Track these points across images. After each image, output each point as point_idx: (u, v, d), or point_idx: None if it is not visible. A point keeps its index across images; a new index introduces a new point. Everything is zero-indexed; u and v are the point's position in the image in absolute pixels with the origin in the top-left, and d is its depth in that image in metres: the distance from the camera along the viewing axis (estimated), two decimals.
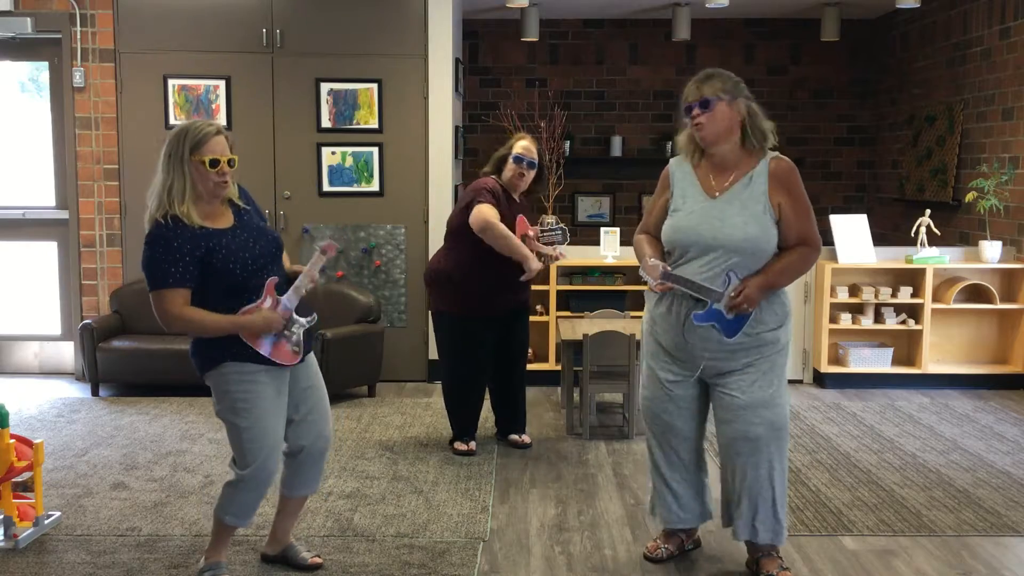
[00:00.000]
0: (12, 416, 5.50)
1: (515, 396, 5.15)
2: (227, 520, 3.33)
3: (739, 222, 3.29)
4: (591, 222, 9.21)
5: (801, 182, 3.38)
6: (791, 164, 3.39)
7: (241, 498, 3.28)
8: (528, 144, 4.89)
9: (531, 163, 4.85)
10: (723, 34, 9.14)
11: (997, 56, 6.88)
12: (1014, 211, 6.59)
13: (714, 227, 3.31)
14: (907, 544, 3.81)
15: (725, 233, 3.30)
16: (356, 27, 6.51)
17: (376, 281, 6.64)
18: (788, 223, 3.33)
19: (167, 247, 3.06)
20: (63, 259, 6.87)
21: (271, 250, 3.27)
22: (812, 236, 3.37)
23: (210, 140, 3.11)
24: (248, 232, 3.24)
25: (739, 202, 3.32)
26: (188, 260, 3.07)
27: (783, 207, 3.32)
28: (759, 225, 3.30)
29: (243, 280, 3.15)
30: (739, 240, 3.28)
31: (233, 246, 3.17)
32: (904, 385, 6.50)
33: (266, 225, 3.37)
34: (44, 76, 6.88)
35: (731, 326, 3.32)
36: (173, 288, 3.06)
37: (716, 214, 3.32)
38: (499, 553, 3.72)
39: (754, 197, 3.32)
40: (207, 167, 3.10)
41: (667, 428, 3.53)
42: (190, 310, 3.09)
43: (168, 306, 3.07)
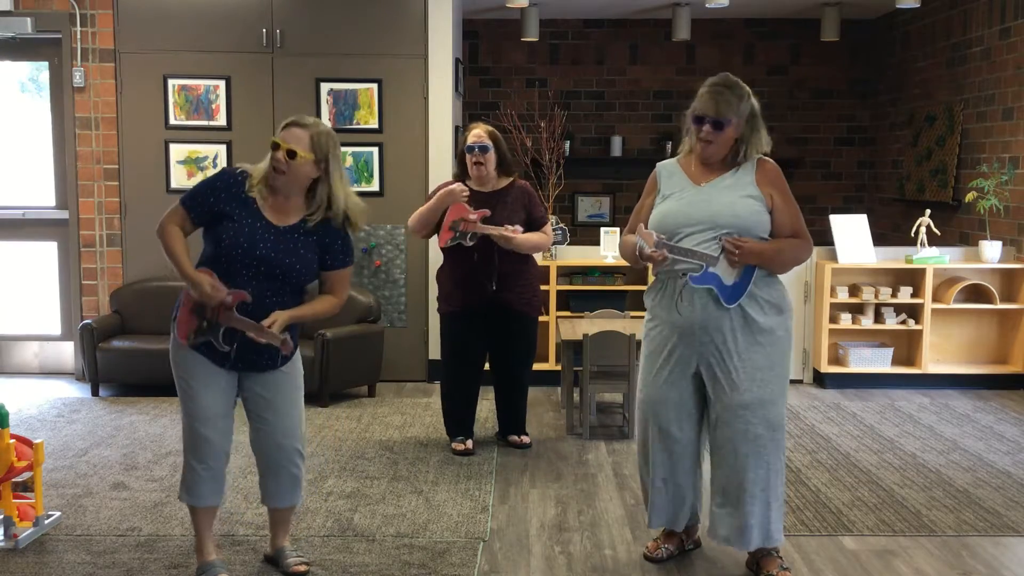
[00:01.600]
0: (12, 416, 5.50)
1: (514, 398, 5.15)
2: (180, 498, 3.39)
3: (727, 202, 3.37)
4: (591, 222, 9.21)
5: (786, 182, 3.47)
6: (775, 164, 3.49)
7: (185, 473, 3.35)
8: (478, 131, 4.86)
9: (482, 147, 4.81)
10: (723, 34, 9.14)
11: (997, 56, 6.88)
12: (1014, 211, 6.59)
13: (702, 208, 3.37)
14: (907, 544, 3.81)
15: (714, 211, 3.35)
16: (356, 27, 6.51)
17: (376, 281, 6.64)
18: (780, 214, 3.40)
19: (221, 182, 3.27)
20: (63, 259, 6.87)
21: (275, 272, 3.23)
22: (804, 231, 3.45)
23: (288, 129, 3.24)
24: (278, 241, 3.23)
25: (726, 188, 3.40)
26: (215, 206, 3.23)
27: (774, 199, 3.40)
28: (747, 206, 3.36)
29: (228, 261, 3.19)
30: (728, 216, 3.34)
31: (250, 232, 3.20)
32: (904, 385, 6.50)
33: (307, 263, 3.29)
34: (44, 76, 6.88)
35: (729, 292, 3.33)
36: (183, 207, 3.26)
37: (704, 197, 3.40)
38: (499, 553, 3.72)
39: (742, 184, 3.40)
40: (271, 148, 3.22)
41: (664, 429, 3.52)
42: (175, 231, 3.24)
43: (169, 214, 3.28)
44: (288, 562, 3.50)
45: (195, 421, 3.30)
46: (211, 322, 3.21)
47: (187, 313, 3.25)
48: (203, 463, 3.32)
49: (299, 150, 3.21)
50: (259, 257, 3.21)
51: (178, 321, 3.27)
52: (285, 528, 3.59)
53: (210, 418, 3.29)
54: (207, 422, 3.29)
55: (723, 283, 3.33)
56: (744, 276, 3.34)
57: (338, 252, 3.37)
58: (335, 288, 3.42)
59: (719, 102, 3.34)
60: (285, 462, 3.41)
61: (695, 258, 3.31)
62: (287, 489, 3.45)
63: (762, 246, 3.35)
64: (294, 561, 3.50)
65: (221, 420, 3.32)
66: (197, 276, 3.17)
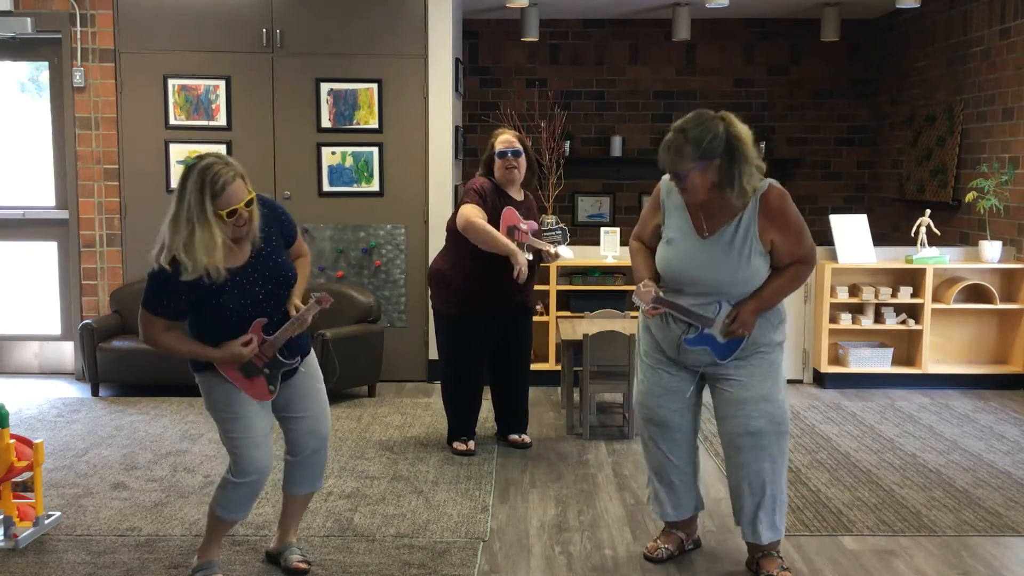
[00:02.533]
0: (12, 416, 5.49)
1: (516, 397, 5.15)
2: (218, 512, 3.35)
3: (729, 266, 3.31)
4: (591, 222, 9.21)
5: (791, 206, 3.34)
6: (780, 193, 3.32)
7: (232, 494, 3.32)
8: (508, 136, 4.88)
9: (515, 152, 4.83)
10: (723, 34, 9.14)
11: (997, 56, 6.88)
12: (1014, 211, 6.59)
13: (704, 270, 3.33)
14: (907, 544, 3.81)
15: (716, 276, 3.32)
16: (356, 27, 6.51)
17: (376, 281, 6.64)
18: (780, 253, 3.35)
19: (164, 286, 3.11)
20: (63, 259, 6.87)
21: (277, 293, 3.24)
22: (806, 254, 3.38)
23: (226, 192, 3.02)
24: (259, 273, 3.21)
25: (729, 246, 3.31)
26: (183, 299, 3.12)
27: (775, 242, 3.33)
28: (750, 267, 3.32)
29: (235, 318, 3.17)
30: (730, 283, 3.32)
31: (236, 290, 3.16)
32: (904, 385, 6.50)
33: (285, 261, 3.30)
34: (44, 76, 6.88)
35: (724, 349, 3.37)
36: (157, 315, 3.16)
37: (707, 256, 3.33)
38: (499, 553, 3.72)
39: (745, 239, 3.31)
40: (224, 217, 3.05)
41: (662, 423, 3.54)
42: (164, 337, 3.19)
43: (147, 327, 3.19)
44: (291, 558, 3.51)
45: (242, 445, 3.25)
46: (269, 363, 3.24)
47: (241, 376, 3.23)
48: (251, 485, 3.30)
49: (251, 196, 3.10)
50: (262, 299, 3.21)
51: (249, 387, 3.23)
52: (297, 520, 3.61)
53: (261, 444, 3.28)
54: (259, 444, 3.28)
55: (717, 342, 3.36)
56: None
57: (289, 224, 3.40)
58: (300, 249, 3.48)
59: (671, 152, 3.22)
60: (317, 445, 3.44)
61: (692, 319, 3.33)
62: (316, 474, 3.49)
63: (757, 304, 3.33)
64: (297, 557, 3.51)
65: (266, 443, 3.32)
66: (226, 352, 3.16)
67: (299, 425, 3.41)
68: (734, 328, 3.31)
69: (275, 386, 3.28)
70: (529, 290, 5.00)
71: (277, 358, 3.25)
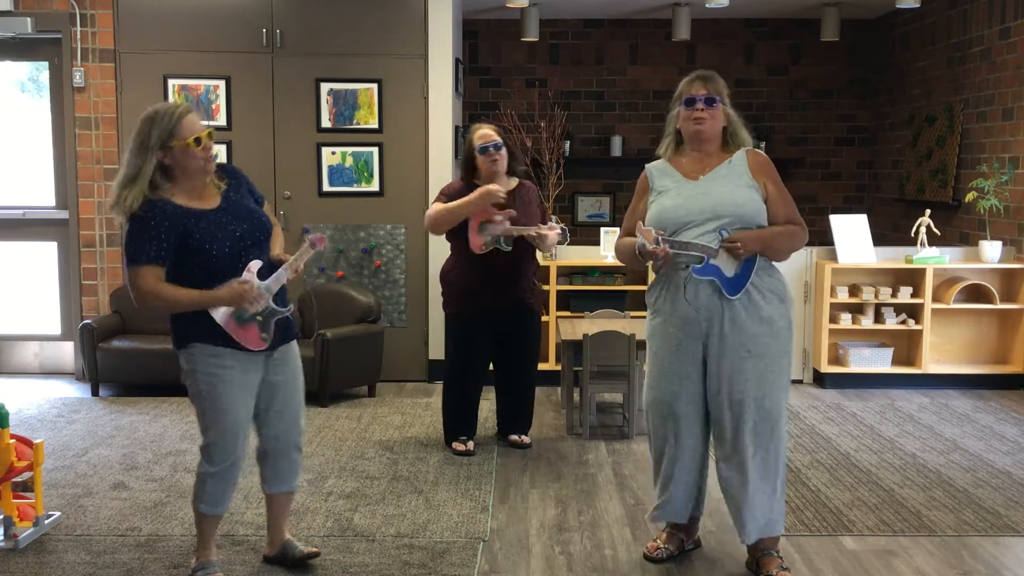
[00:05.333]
0: (12, 416, 5.49)
1: (518, 398, 5.14)
2: (201, 508, 3.35)
3: (725, 191, 3.41)
4: (591, 222, 9.20)
5: (777, 172, 3.53)
6: (767, 156, 3.56)
7: (209, 485, 3.31)
8: (485, 131, 4.86)
9: (496, 145, 4.82)
10: (723, 34, 9.14)
11: (997, 56, 6.88)
12: (1014, 211, 6.59)
13: (701, 200, 3.41)
14: (907, 544, 3.81)
15: (712, 202, 3.39)
16: (356, 27, 6.51)
17: (376, 281, 6.64)
18: (774, 204, 3.45)
19: (145, 225, 3.10)
20: (63, 259, 6.87)
21: (255, 235, 3.26)
22: (799, 218, 3.51)
23: (183, 120, 3.12)
24: (233, 214, 3.23)
25: (721, 179, 3.44)
26: (164, 238, 3.10)
27: (768, 188, 3.45)
28: (747, 195, 3.40)
29: (220, 263, 3.16)
30: (729, 206, 3.38)
31: (213, 228, 3.17)
32: (904, 385, 6.50)
33: (257, 207, 3.35)
34: (44, 76, 6.88)
35: (732, 283, 3.37)
36: (147, 265, 3.10)
37: (701, 191, 3.44)
38: (499, 553, 3.72)
39: (736, 174, 3.45)
40: (193, 146, 3.11)
41: (680, 425, 3.52)
42: (162, 286, 3.12)
43: (141, 282, 3.11)
44: (299, 549, 3.51)
45: (223, 433, 3.25)
46: (262, 311, 3.20)
47: (239, 328, 3.19)
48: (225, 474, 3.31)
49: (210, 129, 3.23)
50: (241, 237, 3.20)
51: (242, 341, 3.20)
52: (283, 519, 3.58)
53: (238, 434, 3.28)
54: (236, 432, 3.27)
55: (725, 275, 3.36)
56: (745, 267, 3.38)
57: (253, 187, 3.42)
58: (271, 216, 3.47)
59: (707, 84, 3.48)
60: (290, 443, 3.44)
61: (696, 251, 3.33)
62: (290, 472, 3.48)
63: (761, 232, 3.39)
64: (303, 546, 3.52)
65: (245, 431, 3.33)
66: (231, 290, 3.13)
67: (275, 422, 3.40)
68: (733, 241, 3.32)
69: (268, 334, 3.24)
70: (529, 288, 4.97)
71: (271, 305, 3.21)
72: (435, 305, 6.60)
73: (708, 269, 3.35)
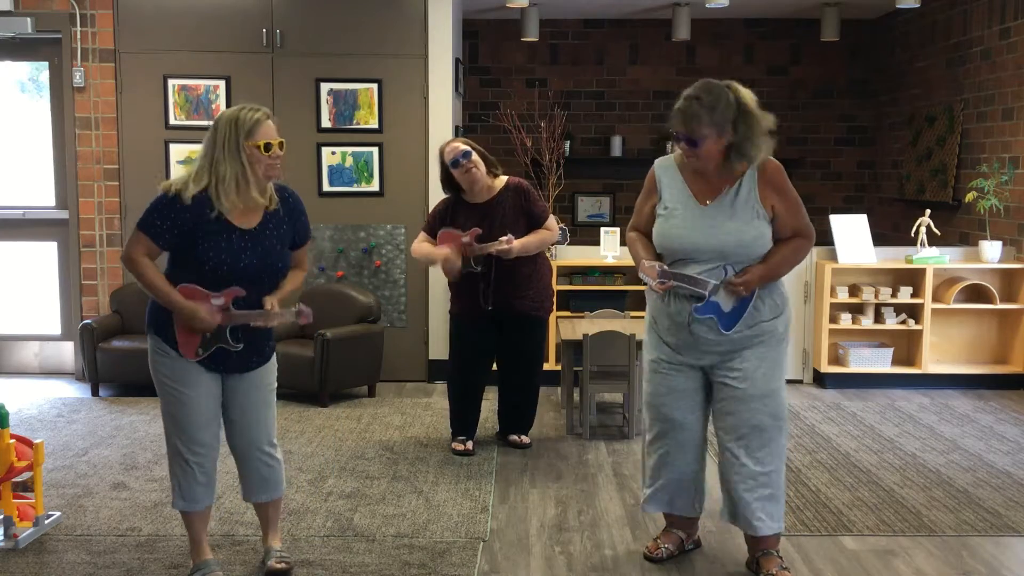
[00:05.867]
0: (12, 416, 5.50)
1: (518, 400, 5.14)
2: (179, 506, 3.38)
3: (732, 228, 3.33)
4: (591, 222, 9.21)
5: (788, 179, 3.43)
6: (777, 164, 3.42)
7: (176, 480, 3.35)
8: (452, 146, 4.82)
9: (464, 155, 4.77)
10: (723, 34, 9.14)
11: (997, 56, 6.88)
12: (1014, 211, 6.59)
13: (707, 234, 3.34)
14: (907, 544, 3.81)
15: (719, 239, 3.32)
16: (356, 27, 6.51)
17: (376, 281, 6.64)
18: (782, 220, 3.38)
19: (165, 208, 3.17)
20: (63, 259, 6.87)
21: (260, 275, 3.23)
22: (805, 228, 3.43)
23: (262, 125, 3.18)
24: (254, 247, 3.22)
25: (730, 209, 3.34)
26: (173, 228, 3.16)
27: (776, 207, 3.37)
28: (753, 230, 3.33)
29: (208, 277, 3.18)
30: (733, 246, 3.32)
31: (224, 245, 3.17)
32: (904, 385, 6.50)
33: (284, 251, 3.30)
34: (44, 76, 6.88)
35: (728, 319, 3.35)
36: (145, 235, 3.18)
37: (708, 221, 3.34)
38: (499, 553, 3.72)
39: (746, 203, 3.34)
40: (262, 151, 3.16)
41: (670, 421, 3.53)
42: (146, 261, 3.20)
43: (133, 246, 3.20)
44: (269, 562, 3.48)
45: (190, 427, 3.28)
46: (214, 331, 3.21)
47: (185, 332, 3.22)
48: (201, 468, 3.33)
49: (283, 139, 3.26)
50: (243, 269, 3.20)
51: (179, 342, 3.22)
52: (273, 527, 3.57)
53: (204, 423, 3.30)
54: (203, 427, 3.30)
55: (722, 310, 3.35)
56: (743, 300, 3.37)
57: (305, 226, 3.43)
58: (302, 260, 3.48)
59: (687, 118, 3.23)
60: (258, 458, 3.42)
61: (697, 286, 3.31)
62: (262, 484, 3.46)
63: (763, 269, 3.34)
64: (274, 559, 3.48)
65: (214, 423, 3.34)
66: (189, 307, 3.16)
67: (239, 431, 3.40)
68: (737, 283, 3.29)
69: (205, 351, 3.23)
70: (526, 294, 4.92)
71: (222, 330, 3.22)
72: (435, 305, 6.60)
73: (708, 307, 3.34)
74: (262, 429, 3.41)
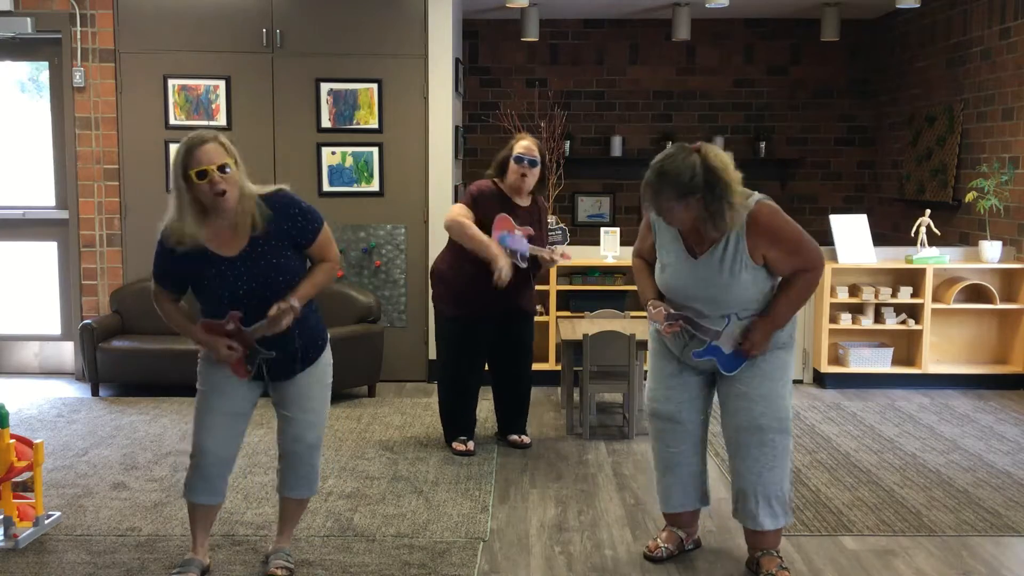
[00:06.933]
0: (12, 416, 5.50)
1: (515, 399, 5.15)
2: (183, 494, 3.44)
3: (723, 283, 3.32)
4: (591, 222, 9.21)
5: (782, 220, 3.31)
6: (769, 211, 3.30)
7: (189, 472, 3.41)
8: (529, 143, 4.86)
9: (532, 161, 4.82)
10: (723, 34, 9.15)
11: (997, 56, 6.88)
12: (1014, 211, 6.59)
13: (700, 288, 3.36)
14: (907, 544, 3.81)
15: (712, 294, 3.35)
16: (356, 27, 6.51)
17: (376, 281, 6.64)
18: (777, 265, 3.34)
19: (159, 256, 3.26)
20: (63, 259, 6.87)
21: (263, 293, 3.20)
22: (808, 262, 3.33)
23: (197, 151, 3.04)
24: (245, 268, 3.20)
25: (719, 264, 3.32)
26: (171, 271, 3.26)
27: (768, 257, 3.32)
28: (743, 283, 3.32)
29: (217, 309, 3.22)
30: (727, 300, 3.34)
31: (218, 279, 3.19)
32: (904, 385, 6.50)
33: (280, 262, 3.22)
34: (44, 76, 6.88)
35: (730, 362, 3.40)
36: (157, 284, 3.32)
37: (701, 275, 3.35)
38: (499, 553, 3.72)
39: (735, 257, 3.30)
40: (195, 180, 3.06)
41: (670, 417, 3.55)
42: (167, 307, 3.34)
43: (153, 293, 3.35)
44: (275, 562, 3.48)
45: (200, 427, 3.35)
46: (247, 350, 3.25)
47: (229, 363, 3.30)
48: (196, 464, 3.38)
49: (226, 160, 3.09)
50: (241, 296, 3.21)
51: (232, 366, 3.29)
52: (292, 524, 3.59)
53: (210, 425, 3.33)
54: (208, 431, 3.34)
55: (723, 352, 3.38)
56: None
57: (304, 225, 3.27)
58: (323, 253, 3.37)
59: (652, 195, 3.24)
60: (304, 456, 3.44)
61: (701, 332, 3.36)
62: (302, 482, 3.48)
63: (770, 324, 3.35)
64: (278, 563, 3.47)
65: (221, 427, 3.34)
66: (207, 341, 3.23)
67: (286, 425, 3.43)
68: (746, 348, 3.35)
69: (251, 367, 3.28)
70: (528, 294, 5.00)
71: (257, 349, 3.26)
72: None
73: (708, 351, 3.38)
74: (312, 428, 3.44)
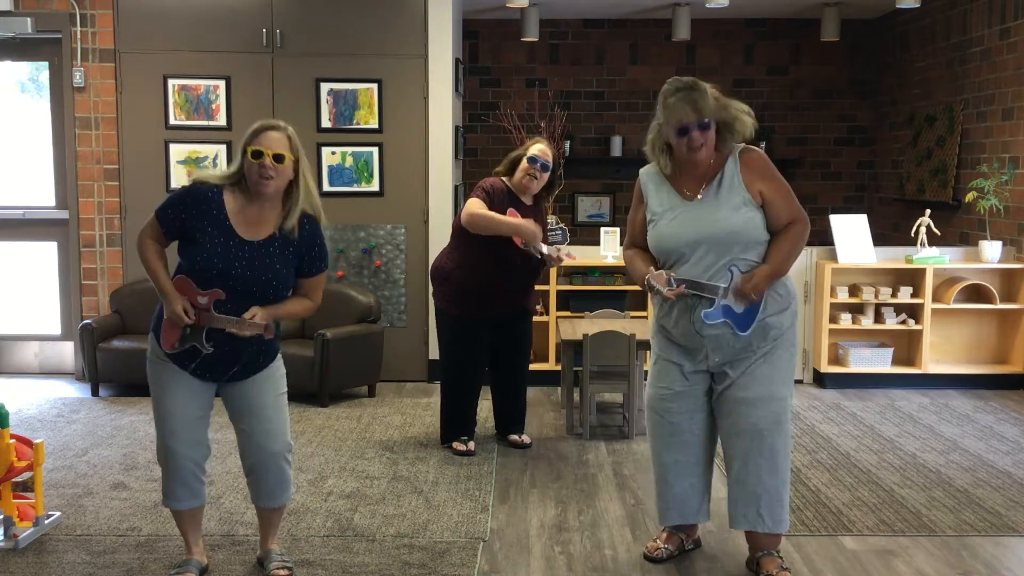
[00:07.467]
0: (12, 416, 5.50)
1: (515, 397, 5.15)
2: (164, 503, 3.43)
3: (720, 217, 3.34)
4: (591, 222, 9.21)
5: (773, 166, 3.45)
6: (760, 152, 3.47)
7: (164, 479, 3.39)
8: (545, 148, 4.88)
9: (544, 165, 4.83)
10: (723, 34, 9.15)
11: (997, 56, 6.88)
12: (1014, 211, 6.59)
13: (697, 227, 3.36)
14: (907, 544, 3.81)
15: (708, 230, 3.34)
16: (356, 27, 6.51)
17: (376, 281, 6.64)
18: (774, 206, 3.38)
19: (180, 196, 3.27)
20: (63, 259, 6.87)
21: (250, 288, 3.20)
22: (799, 212, 3.43)
23: (263, 134, 3.20)
24: (251, 259, 3.21)
25: (716, 200, 3.37)
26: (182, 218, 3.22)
27: (764, 193, 3.37)
28: (741, 216, 3.34)
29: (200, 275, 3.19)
30: (724, 234, 3.33)
31: (220, 249, 3.18)
32: (904, 385, 6.50)
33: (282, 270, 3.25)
34: (44, 76, 6.88)
35: (743, 320, 3.36)
36: (157, 219, 3.28)
37: (697, 214, 3.37)
38: (499, 553, 3.72)
39: (731, 192, 3.36)
40: (250, 157, 3.18)
41: (672, 426, 3.53)
42: (149, 243, 3.28)
43: (146, 226, 3.30)
44: (271, 566, 3.47)
45: (163, 431, 3.32)
46: (193, 326, 3.22)
47: (169, 323, 3.25)
48: (169, 470, 3.36)
49: (284, 153, 3.20)
50: (234, 276, 3.20)
51: (163, 331, 3.26)
52: (273, 530, 3.56)
53: (175, 430, 3.30)
54: (171, 434, 3.31)
55: (735, 312, 3.35)
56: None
57: (315, 259, 3.35)
58: (311, 292, 3.40)
59: (697, 104, 3.30)
60: (269, 464, 3.39)
61: (706, 291, 3.33)
62: (272, 490, 3.44)
63: (769, 268, 3.34)
64: (276, 565, 3.47)
65: (186, 431, 3.32)
66: (172, 294, 3.20)
67: (246, 440, 3.40)
68: (747, 290, 3.30)
69: (180, 346, 3.24)
70: (530, 294, 5.02)
71: (199, 329, 3.22)
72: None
73: (719, 312, 3.34)
74: (273, 437, 3.37)
